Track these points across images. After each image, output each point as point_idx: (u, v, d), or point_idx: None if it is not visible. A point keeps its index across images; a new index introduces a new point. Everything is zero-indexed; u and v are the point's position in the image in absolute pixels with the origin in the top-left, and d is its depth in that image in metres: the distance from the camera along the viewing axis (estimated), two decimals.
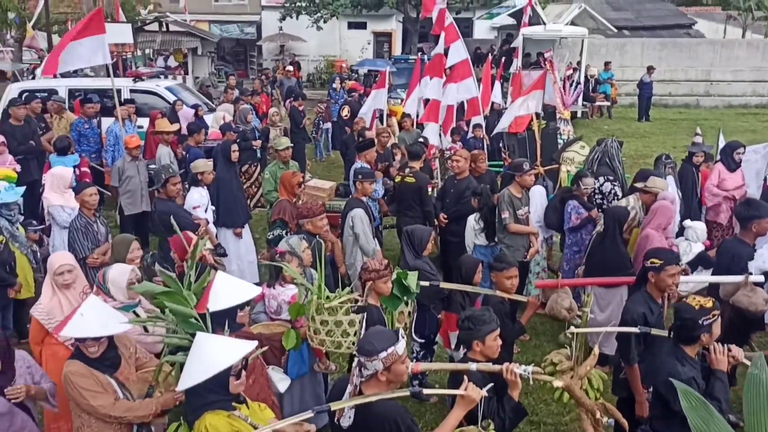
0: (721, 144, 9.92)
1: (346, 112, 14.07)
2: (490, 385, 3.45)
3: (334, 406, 3.23)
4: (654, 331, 4.32)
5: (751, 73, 24.34)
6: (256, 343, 3.59)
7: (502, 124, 10.71)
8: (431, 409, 5.91)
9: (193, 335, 3.51)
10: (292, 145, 9.00)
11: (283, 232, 6.63)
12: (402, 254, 6.04)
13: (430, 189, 7.94)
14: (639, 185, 7.03)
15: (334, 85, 18.45)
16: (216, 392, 3.33)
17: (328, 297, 4.26)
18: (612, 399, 4.82)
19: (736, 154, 8.18)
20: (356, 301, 4.44)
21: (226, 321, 3.86)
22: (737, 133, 17.02)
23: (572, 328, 4.27)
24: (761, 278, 5.01)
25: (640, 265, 4.95)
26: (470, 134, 11.53)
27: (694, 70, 24.51)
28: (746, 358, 3.84)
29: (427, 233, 5.93)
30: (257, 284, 7.96)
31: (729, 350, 3.83)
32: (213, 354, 3.28)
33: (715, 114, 22.06)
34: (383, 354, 3.19)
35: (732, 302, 5.02)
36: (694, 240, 7.30)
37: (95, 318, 3.79)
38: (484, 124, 11.53)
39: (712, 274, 5.93)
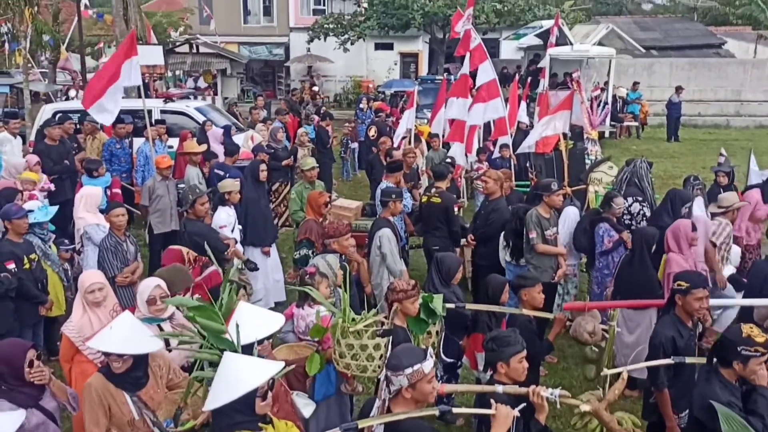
0: (753, 165, 9.80)
1: (373, 132, 14.14)
2: (522, 405, 3.41)
3: (362, 423, 3.22)
4: (689, 360, 4.25)
5: None
6: (282, 363, 3.59)
7: (527, 144, 10.68)
8: (456, 430, 5.86)
9: (223, 351, 3.53)
10: (317, 165, 9.07)
11: (310, 251, 6.66)
12: (429, 278, 6.01)
13: (456, 209, 7.92)
14: (713, 210, 7.20)
15: (360, 105, 18.58)
16: (243, 413, 3.33)
17: (353, 320, 4.25)
18: (642, 423, 4.74)
19: None
20: (382, 323, 4.43)
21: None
22: None
23: (605, 371, 4.18)
24: None
25: (669, 288, 4.88)
26: (497, 154, 11.53)
27: (723, 90, 24.26)
28: None
29: (456, 263, 5.89)
30: (284, 303, 8.12)
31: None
32: (241, 374, 3.28)
33: (746, 134, 21.77)
34: (409, 370, 3.19)
35: (767, 326, 4.92)
36: (726, 263, 7.18)
37: (122, 334, 3.83)
38: (511, 144, 11.52)
39: (745, 296, 5.83)
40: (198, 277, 6.11)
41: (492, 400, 3.43)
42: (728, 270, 7.14)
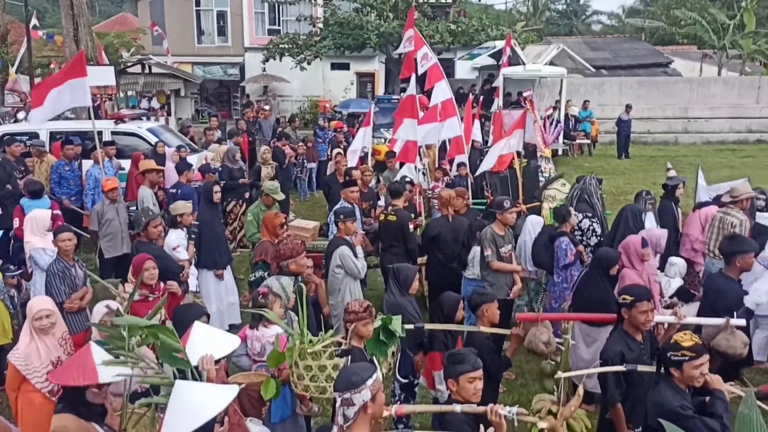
0: (701, 180, 10.06)
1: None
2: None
3: None
4: (641, 368, 4.30)
5: (727, 109, 24.80)
6: (237, 387, 3.51)
7: (486, 165, 10.78)
8: None
9: (175, 374, 3.43)
10: (284, 196, 9.01)
11: (265, 273, 6.58)
12: (387, 291, 6.02)
13: (412, 227, 7.94)
14: (726, 199, 7.70)
15: (319, 124, 18.58)
16: None
17: (311, 341, 4.20)
18: None
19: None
20: (340, 344, 4.39)
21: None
22: (715, 169, 17.28)
23: (559, 373, 4.24)
24: (742, 322, 5.00)
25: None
26: (454, 172, 11.60)
27: (671, 108, 24.95)
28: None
29: (413, 271, 5.94)
30: (239, 326, 8.00)
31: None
32: (200, 402, 3.19)
33: (694, 150, 22.39)
34: (369, 381, 3.16)
35: (712, 345, 5.00)
36: (674, 276, 7.33)
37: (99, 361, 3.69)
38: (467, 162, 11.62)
39: (699, 310, 5.93)
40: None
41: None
42: (676, 282, 7.29)
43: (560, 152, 20.38)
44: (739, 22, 31.48)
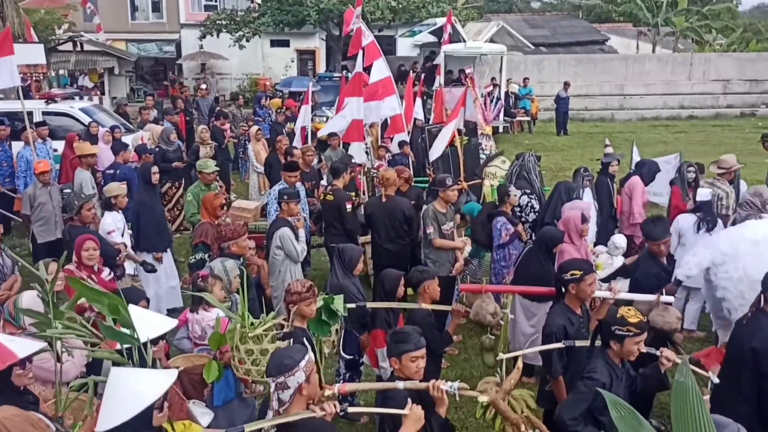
0: (635, 156, 10.34)
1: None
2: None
3: (248, 427, 3.15)
4: (578, 343, 4.41)
5: (661, 86, 25.51)
6: (176, 372, 3.46)
7: (438, 149, 10.70)
8: (362, 429, 5.87)
9: (121, 352, 3.35)
10: (218, 169, 8.84)
11: (206, 255, 6.49)
12: (331, 272, 6.00)
13: (349, 206, 7.87)
14: (714, 170, 7.97)
15: (260, 104, 18.30)
16: (141, 429, 3.18)
17: (252, 324, 4.16)
18: (538, 410, 4.88)
19: (657, 175, 8.55)
20: (282, 326, 4.36)
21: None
22: (650, 145, 17.79)
23: (501, 355, 4.31)
24: (671, 299, 5.17)
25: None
26: (395, 150, 11.58)
27: (608, 85, 25.50)
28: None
29: (357, 252, 5.93)
30: (180, 309, 7.88)
31: (661, 353, 3.98)
32: (138, 388, 3.12)
33: (629, 126, 22.97)
34: (303, 362, 3.17)
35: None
36: (615, 253, 7.52)
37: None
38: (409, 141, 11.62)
39: (630, 289, 6.10)
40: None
41: (409, 399, 3.46)
42: (618, 260, 7.48)
43: (501, 129, 20.62)
44: (672, 0, 32.29)
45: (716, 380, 4.21)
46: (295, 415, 3.14)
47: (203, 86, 20.02)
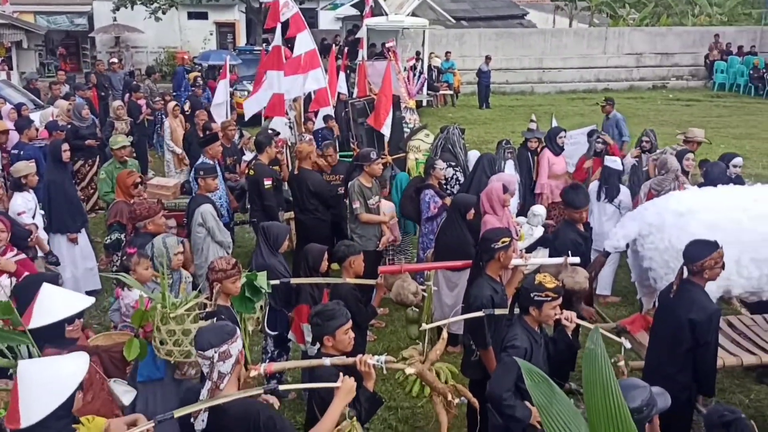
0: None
1: (187, 107, 13.49)
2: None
3: (177, 413, 3.07)
4: (497, 311, 4.48)
5: (578, 60, 26.14)
6: (87, 355, 3.31)
7: (388, 126, 10.57)
8: (289, 405, 5.83)
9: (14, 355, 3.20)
10: (128, 143, 8.51)
11: (122, 235, 6.27)
12: (257, 249, 5.90)
13: (269, 182, 7.73)
14: (680, 137, 8.21)
15: (182, 77, 17.73)
16: (63, 418, 3.05)
17: (173, 304, 4.05)
18: (464, 380, 4.96)
19: (558, 138, 8.71)
20: (204, 305, 4.26)
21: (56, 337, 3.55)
22: (568, 117, 18.24)
23: (423, 326, 4.34)
24: (577, 260, 5.32)
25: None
26: (320, 125, 11.42)
27: (527, 59, 25.93)
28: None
29: (284, 230, 5.86)
30: (99, 291, 7.61)
31: (562, 315, 4.10)
32: (54, 380, 2.99)
33: (548, 100, 23.47)
34: (238, 331, 3.16)
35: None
36: (534, 222, 7.69)
37: None
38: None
39: (549, 254, 6.25)
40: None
41: (341, 373, 3.45)
42: (539, 231, 7.64)
43: (424, 103, 20.71)
44: None
45: (628, 345, 4.37)
46: (226, 397, 3.07)
47: (114, 60, 19.21)
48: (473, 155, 8.81)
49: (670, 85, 25.98)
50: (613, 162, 7.80)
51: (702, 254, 4.34)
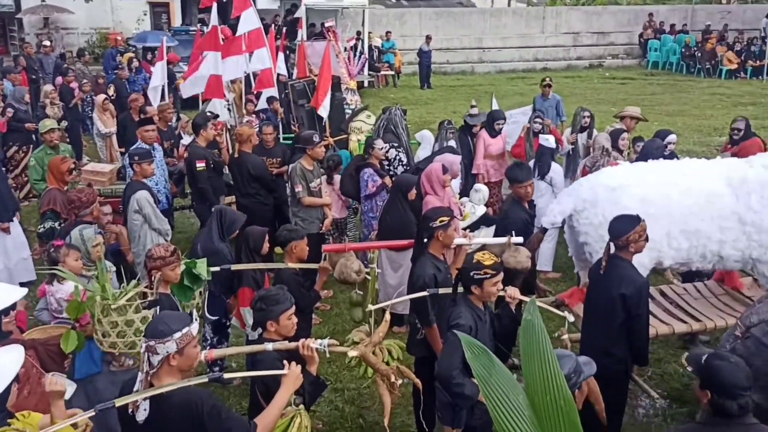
0: (495, 107, 10.67)
1: (112, 91, 13.12)
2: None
3: (118, 402, 3.01)
4: (441, 291, 4.53)
5: (517, 39, 26.41)
6: (21, 348, 3.22)
7: (327, 107, 10.43)
8: (234, 392, 5.81)
9: None
10: (57, 126, 8.23)
11: (56, 224, 6.08)
12: (205, 231, 5.79)
13: (201, 164, 7.59)
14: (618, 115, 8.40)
15: (115, 61, 17.18)
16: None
17: (114, 295, 3.96)
18: (409, 359, 5.01)
19: (496, 124, 8.82)
20: (145, 294, 4.18)
21: None
22: (508, 96, 18.46)
23: (369, 306, 4.37)
24: (520, 239, 5.42)
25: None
26: (263, 105, 11.20)
27: (467, 38, 26.05)
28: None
29: (239, 218, 5.77)
30: (35, 282, 7.37)
31: (506, 291, 4.17)
32: None
33: (489, 79, 23.66)
34: (177, 334, 3.05)
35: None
36: (476, 199, 7.78)
37: None
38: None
39: (495, 232, 6.34)
40: None
41: (285, 361, 3.44)
42: (481, 209, 7.74)
43: (366, 84, 20.63)
44: None
45: (571, 318, 4.48)
46: (168, 386, 3.03)
47: (46, 42, 18.49)
48: (427, 135, 8.84)
49: (606, 63, 26.51)
50: (545, 140, 7.97)
51: (626, 229, 4.48)
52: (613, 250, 4.54)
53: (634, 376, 5.26)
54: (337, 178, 7.84)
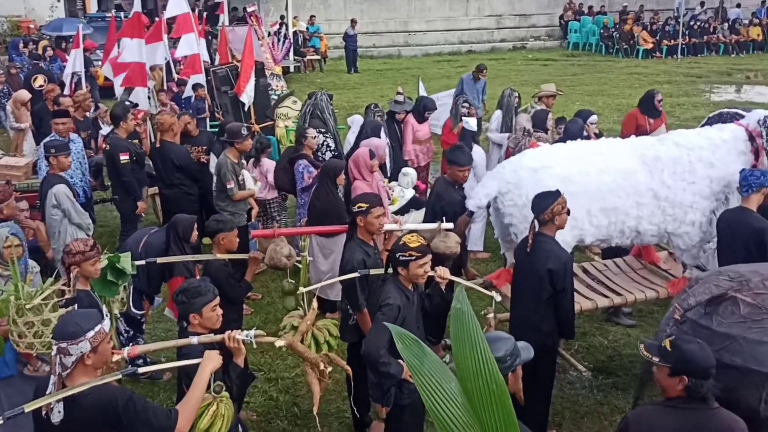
0: (422, 91, 10.73)
1: (41, 81, 12.57)
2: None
3: (28, 407, 2.91)
4: (373, 271, 4.56)
5: (442, 23, 26.62)
6: None
7: (250, 94, 10.25)
8: (165, 386, 5.70)
9: None
10: None
11: None
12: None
13: (125, 157, 7.38)
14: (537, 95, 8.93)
15: (21, 50, 16.44)
16: None
17: (29, 295, 3.81)
18: (343, 344, 5.02)
19: (426, 113, 8.89)
20: (63, 292, 4.04)
21: None
22: (435, 79, 18.59)
23: (301, 289, 4.34)
24: (451, 225, 5.49)
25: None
26: (189, 93, 10.91)
27: (393, 22, 26.10)
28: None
29: (189, 221, 5.53)
30: None
31: (436, 272, 4.23)
32: None
33: (415, 63, 23.78)
34: (90, 333, 2.96)
35: (432, 248, 5.44)
36: (404, 182, 7.82)
37: None
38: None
39: (425, 215, 6.38)
40: None
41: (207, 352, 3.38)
42: (409, 192, 7.78)
43: (292, 69, 20.41)
44: None
45: (498, 298, 4.58)
46: (81, 386, 2.94)
47: None
48: (358, 120, 8.81)
49: (529, 45, 27.02)
50: (466, 123, 8.08)
51: (547, 203, 4.59)
52: (537, 228, 4.65)
53: (561, 351, 5.42)
54: (265, 160, 7.72)
